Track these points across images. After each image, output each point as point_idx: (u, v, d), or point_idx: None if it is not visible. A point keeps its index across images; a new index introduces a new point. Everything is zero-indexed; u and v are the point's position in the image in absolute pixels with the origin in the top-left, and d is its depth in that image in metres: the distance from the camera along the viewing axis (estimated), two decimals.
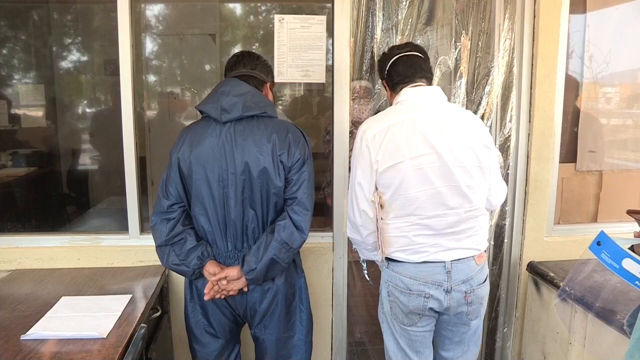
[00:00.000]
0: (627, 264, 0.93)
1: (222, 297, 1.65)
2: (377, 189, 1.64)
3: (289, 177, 1.63)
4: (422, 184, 1.57)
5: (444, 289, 1.62)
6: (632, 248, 1.16)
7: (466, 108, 2.29)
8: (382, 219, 1.66)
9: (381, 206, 1.65)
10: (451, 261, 1.62)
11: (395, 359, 1.76)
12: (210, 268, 1.62)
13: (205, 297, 1.63)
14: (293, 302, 1.75)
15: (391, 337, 1.76)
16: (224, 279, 1.61)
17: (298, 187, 1.63)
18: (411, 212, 1.60)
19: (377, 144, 1.59)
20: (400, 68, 1.69)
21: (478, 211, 1.65)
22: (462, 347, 1.76)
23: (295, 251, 1.64)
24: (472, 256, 1.65)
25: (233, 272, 1.61)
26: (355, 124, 2.28)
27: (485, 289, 1.71)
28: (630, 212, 1.08)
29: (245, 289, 1.65)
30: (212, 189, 1.61)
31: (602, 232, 0.96)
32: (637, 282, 0.93)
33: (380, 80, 1.82)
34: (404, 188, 1.58)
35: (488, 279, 1.74)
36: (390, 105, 1.75)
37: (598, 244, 0.96)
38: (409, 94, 1.66)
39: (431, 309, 1.65)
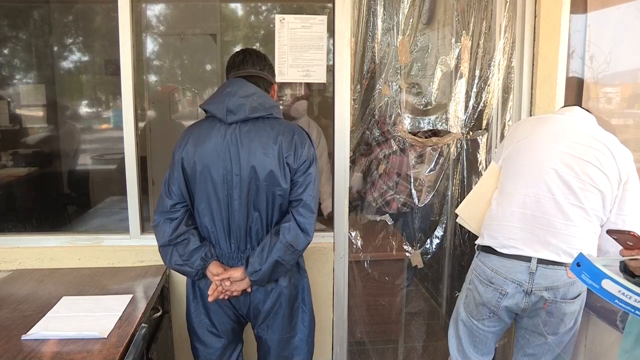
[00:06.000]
0: (607, 284, 0.95)
1: (226, 297, 1.64)
2: None
3: (295, 179, 1.62)
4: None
5: (523, 290, 1.62)
6: (623, 265, 1.16)
7: (466, 108, 2.30)
8: None
9: None
10: (537, 260, 1.60)
11: (451, 345, 1.84)
12: (213, 269, 1.61)
13: (210, 299, 1.62)
14: (295, 303, 1.74)
15: (454, 324, 1.84)
16: (227, 280, 1.60)
17: (304, 189, 1.61)
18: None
19: None
20: None
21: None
22: None
23: (300, 253, 1.63)
24: (563, 263, 1.59)
25: (237, 273, 1.60)
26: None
27: (573, 307, 1.64)
28: (610, 232, 1.11)
29: (249, 290, 1.65)
30: (217, 190, 1.60)
31: (580, 253, 0.98)
32: (616, 302, 0.95)
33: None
34: None
35: (582, 300, 1.68)
36: None
37: (578, 265, 0.98)
38: None
39: (506, 307, 1.66)
